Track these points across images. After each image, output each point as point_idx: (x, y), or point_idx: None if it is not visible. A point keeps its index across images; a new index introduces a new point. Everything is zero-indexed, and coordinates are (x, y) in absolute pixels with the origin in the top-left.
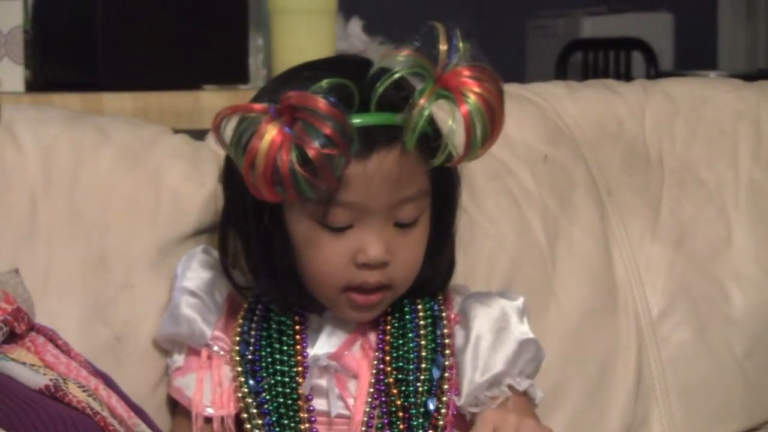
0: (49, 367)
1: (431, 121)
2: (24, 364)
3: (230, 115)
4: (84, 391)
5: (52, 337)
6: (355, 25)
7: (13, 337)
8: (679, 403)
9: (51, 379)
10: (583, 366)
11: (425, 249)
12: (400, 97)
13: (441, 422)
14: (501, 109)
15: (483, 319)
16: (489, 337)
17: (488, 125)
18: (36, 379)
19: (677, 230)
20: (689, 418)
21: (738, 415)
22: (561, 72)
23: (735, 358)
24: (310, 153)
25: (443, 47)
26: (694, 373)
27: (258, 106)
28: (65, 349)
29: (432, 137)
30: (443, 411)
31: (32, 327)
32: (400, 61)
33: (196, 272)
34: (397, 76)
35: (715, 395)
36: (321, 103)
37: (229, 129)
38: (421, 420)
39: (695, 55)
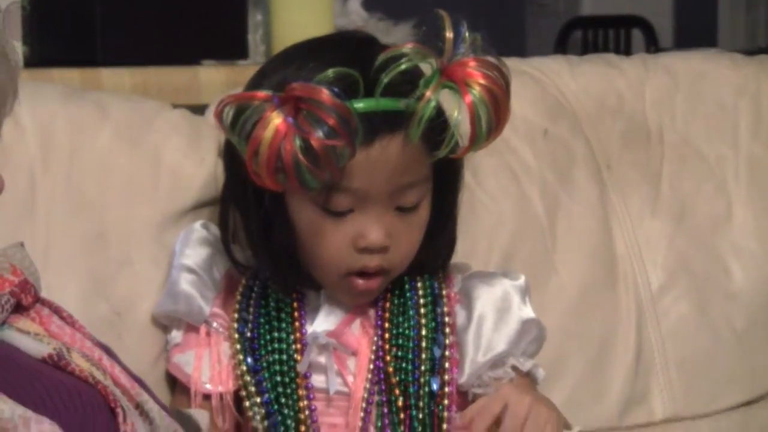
0: (54, 337)
1: (438, 110)
2: (28, 333)
3: (233, 103)
4: (87, 361)
5: (57, 309)
6: (354, 2)
7: (19, 309)
8: (678, 377)
9: (55, 349)
10: (583, 340)
11: (426, 228)
12: (404, 82)
13: (445, 401)
14: (506, 101)
15: (486, 299)
16: (492, 317)
17: (493, 117)
18: (40, 348)
19: (677, 205)
20: (689, 392)
21: (737, 389)
22: (561, 50)
23: (734, 333)
24: (314, 144)
25: (449, 35)
26: (693, 348)
27: (261, 94)
28: (70, 321)
29: (437, 128)
30: (446, 390)
31: (38, 299)
32: (406, 52)
33: (194, 249)
34: (403, 67)
35: (715, 369)
36: (325, 95)
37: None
38: (424, 399)
39: (695, 33)
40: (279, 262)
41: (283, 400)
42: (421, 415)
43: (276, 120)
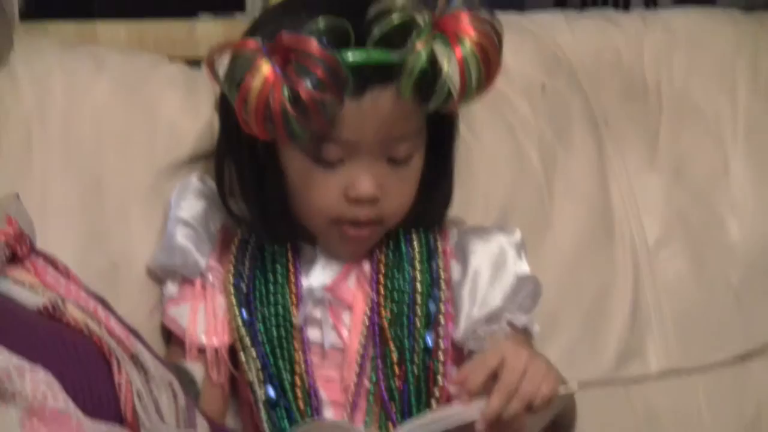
0: (49, 288)
1: (431, 63)
2: (23, 284)
3: (224, 51)
4: (82, 311)
5: (52, 261)
6: None
7: (14, 260)
8: (674, 331)
9: (50, 300)
10: (579, 295)
11: (422, 182)
12: (396, 34)
13: (440, 356)
14: (497, 55)
15: (481, 255)
16: (487, 273)
17: (483, 71)
18: (35, 299)
19: (674, 161)
20: (685, 346)
21: (733, 343)
22: (560, 5)
23: (731, 287)
24: (302, 94)
25: None
26: (689, 302)
27: (251, 43)
28: (65, 272)
29: (429, 80)
30: (441, 345)
31: (33, 250)
32: (399, 4)
33: (190, 202)
34: (396, 20)
35: (711, 324)
36: (314, 45)
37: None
38: (419, 354)
39: None
40: (272, 213)
41: (278, 353)
42: (415, 370)
43: (265, 69)
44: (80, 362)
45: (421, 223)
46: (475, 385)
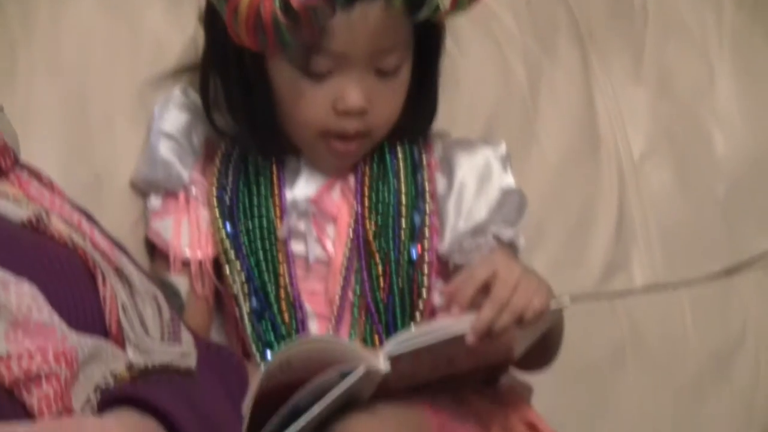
0: (33, 201)
1: None
2: (7, 197)
3: None
4: (67, 224)
5: (36, 173)
6: None
7: None
8: (659, 244)
9: (34, 212)
10: (565, 208)
11: (407, 95)
12: None
13: (425, 268)
14: None
15: (467, 167)
16: (473, 185)
17: None
18: (19, 212)
19: (660, 74)
20: (670, 259)
21: (719, 257)
22: None
23: (716, 200)
24: (293, 2)
25: None
26: (674, 215)
27: None
28: (49, 185)
29: None
30: (427, 257)
31: (17, 163)
32: None
33: (173, 114)
34: None
35: (696, 237)
36: None
37: None
38: (404, 266)
39: None
40: (258, 126)
41: (263, 266)
42: (400, 282)
43: None
44: (65, 275)
45: (405, 136)
46: (466, 298)
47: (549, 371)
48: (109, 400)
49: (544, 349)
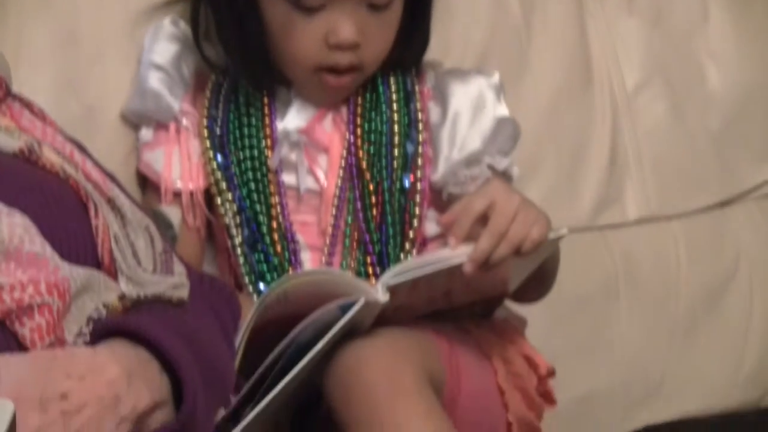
0: (25, 132)
1: None
2: None
3: None
4: (58, 155)
5: (28, 104)
6: None
7: None
8: (652, 177)
9: (26, 143)
10: (558, 140)
11: (400, 26)
12: None
13: (418, 197)
14: None
15: (460, 96)
16: (467, 115)
17: None
18: (11, 143)
19: (654, 6)
20: (663, 192)
21: (712, 190)
22: None
23: (709, 133)
24: None
25: None
26: (668, 148)
27: None
28: (40, 116)
29: None
30: (419, 186)
31: (9, 94)
32: None
33: (163, 45)
34: None
35: (689, 170)
36: None
37: None
38: (396, 195)
39: None
40: (250, 58)
41: (254, 197)
42: (392, 212)
43: None
44: (57, 206)
45: (398, 67)
46: (463, 228)
47: (543, 304)
48: (102, 331)
49: (540, 280)
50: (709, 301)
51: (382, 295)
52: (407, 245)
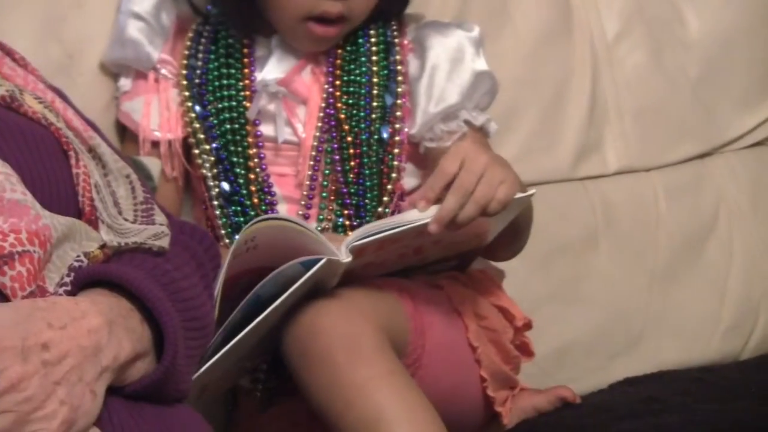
0: (6, 79)
1: None
2: None
3: None
4: (40, 103)
5: (9, 51)
6: None
7: None
8: (633, 126)
9: (7, 90)
10: (537, 90)
11: None
12: None
13: (396, 150)
14: None
15: (439, 49)
16: (445, 68)
17: None
18: None
19: None
20: (643, 141)
21: (692, 140)
22: None
23: (689, 82)
24: None
25: None
26: (648, 97)
27: None
28: (22, 63)
29: None
30: (397, 138)
31: None
32: None
33: None
34: None
35: (670, 119)
36: None
37: None
38: (374, 147)
39: None
40: (237, 2)
41: (232, 148)
42: (370, 164)
43: None
44: (38, 153)
45: (380, 18)
46: (435, 191)
47: (522, 254)
48: (83, 280)
49: (512, 238)
50: (689, 251)
51: (344, 256)
52: (385, 198)
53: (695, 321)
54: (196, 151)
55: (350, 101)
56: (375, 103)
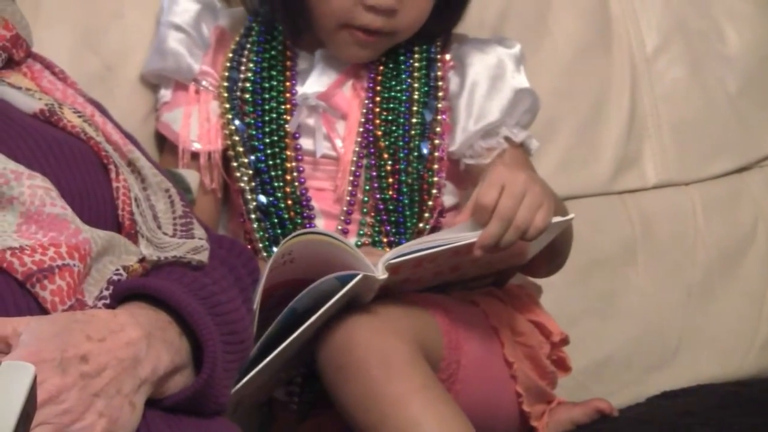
0: (45, 93)
1: None
2: (20, 88)
3: None
4: (79, 116)
5: (48, 65)
6: None
7: (10, 64)
8: (671, 140)
9: (46, 104)
10: (577, 103)
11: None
12: None
13: (435, 165)
14: None
15: (479, 66)
16: (485, 85)
17: None
18: (31, 103)
19: None
20: (682, 155)
21: (730, 154)
22: None
23: (728, 96)
24: None
25: None
26: (687, 111)
27: None
28: (61, 77)
29: None
30: (436, 155)
31: (30, 54)
32: None
33: (182, 5)
34: None
35: (708, 133)
36: None
37: None
38: (414, 164)
39: None
40: (288, 7)
41: (271, 162)
42: (409, 180)
43: None
44: (78, 167)
45: (426, 35)
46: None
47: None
48: (122, 293)
49: (550, 258)
50: (726, 265)
51: (380, 273)
52: (426, 214)
53: (732, 335)
54: (235, 164)
55: (389, 117)
56: (414, 120)
